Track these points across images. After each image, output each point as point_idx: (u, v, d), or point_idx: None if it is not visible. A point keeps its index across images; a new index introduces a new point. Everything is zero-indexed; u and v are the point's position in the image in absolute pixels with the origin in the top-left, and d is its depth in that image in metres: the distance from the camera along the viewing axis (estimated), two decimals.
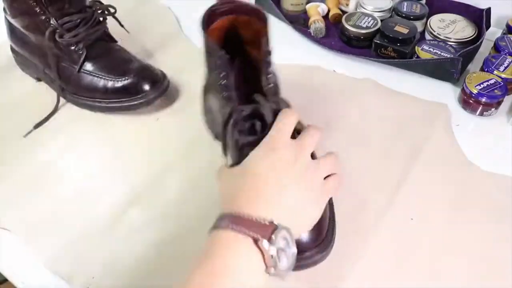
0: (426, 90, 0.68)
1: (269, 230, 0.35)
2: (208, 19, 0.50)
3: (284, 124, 0.44)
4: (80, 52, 0.63)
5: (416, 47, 0.70)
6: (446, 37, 0.72)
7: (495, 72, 0.65)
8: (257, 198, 0.38)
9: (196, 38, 0.73)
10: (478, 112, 0.64)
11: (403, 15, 0.75)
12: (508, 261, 0.48)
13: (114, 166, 0.58)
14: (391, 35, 0.71)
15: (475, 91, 0.62)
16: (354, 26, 0.74)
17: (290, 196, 0.40)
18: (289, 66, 0.72)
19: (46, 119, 0.63)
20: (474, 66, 0.71)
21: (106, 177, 0.57)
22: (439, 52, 0.69)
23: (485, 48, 0.72)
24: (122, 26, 0.69)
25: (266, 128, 0.45)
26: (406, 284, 0.47)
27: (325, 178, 0.44)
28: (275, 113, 0.46)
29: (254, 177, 0.40)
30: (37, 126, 0.63)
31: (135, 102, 0.61)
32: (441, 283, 0.47)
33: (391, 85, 0.69)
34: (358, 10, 0.79)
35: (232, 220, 0.35)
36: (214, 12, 0.50)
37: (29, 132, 0.62)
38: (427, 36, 0.75)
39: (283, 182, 0.40)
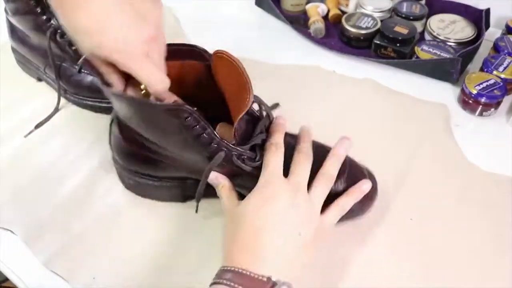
0: (426, 90, 0.68)
1: (267, 287, 0.37)
2: None
3: (273, 162, 0.44)
4: (81, 53, 0.63)
5: (415, 47, 0.71)
6: (446, 38, 0.72)
7: (495, 72, 0.65)
8: (257, 254, 0.40)
9: (197, 39, 0.73)
10: (477, 112, 0.64)
11: (403, 15, 0.75)
12: (507, 261, 0.48)
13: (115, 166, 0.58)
14: (390, 36, 0.71)
15: (474, 92, 0.62)
16: (354, 26, 0.74)
17: (289, 249, 0.41)
18: (289, 66, 0.72)
19: (47, 119, 0.64)
20: (474, 66, 0.71)
21: (107, 177, 0.57)
22: (438, 53, 0.69)
23: (485, 49, 0.72)
24: None
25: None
26: (406, 284, 0.47)
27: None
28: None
29: (253, 229, 0.41)
30: (38, 126, 0.63)
31: None
32: (440, 282, 0.47)
33: (391, 85, 0.69)
34: (358, 11, 0.79)
35: (234, 277, 0.37)
36: None
37: (30, 132, 0.62)
38: (427, 37, 0.75)
39: (281, 235, 0.41)
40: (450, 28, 0.74)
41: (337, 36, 0.78)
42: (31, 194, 0.56)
